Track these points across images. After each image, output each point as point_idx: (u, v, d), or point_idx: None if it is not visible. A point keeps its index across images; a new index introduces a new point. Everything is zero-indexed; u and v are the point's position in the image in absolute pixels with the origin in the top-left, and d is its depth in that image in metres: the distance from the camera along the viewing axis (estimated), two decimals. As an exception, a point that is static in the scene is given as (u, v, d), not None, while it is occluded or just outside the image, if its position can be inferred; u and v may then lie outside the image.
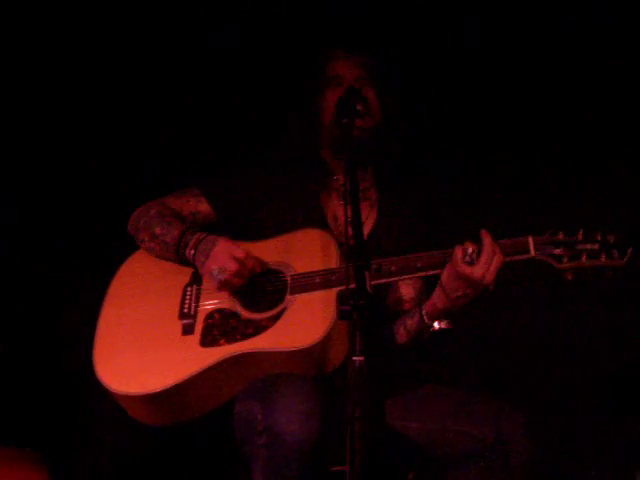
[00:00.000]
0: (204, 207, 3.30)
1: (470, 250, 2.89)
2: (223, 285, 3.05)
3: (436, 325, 3.00)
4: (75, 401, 3.88)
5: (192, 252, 3.11)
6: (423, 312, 3.03)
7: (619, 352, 4.04)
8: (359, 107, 3.08)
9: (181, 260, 3.15)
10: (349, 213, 2.66)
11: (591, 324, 4.12)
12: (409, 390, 3.16)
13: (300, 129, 3.36)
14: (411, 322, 3.08)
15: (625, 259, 2.81)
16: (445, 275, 2.93)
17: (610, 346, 4.07)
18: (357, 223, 2.62)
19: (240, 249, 3.05)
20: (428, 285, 3.13)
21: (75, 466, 3.96)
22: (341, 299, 2.45)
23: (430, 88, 4.03)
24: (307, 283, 3.02)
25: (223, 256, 3.05)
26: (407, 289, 3.25)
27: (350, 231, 2.62)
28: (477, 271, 2.87)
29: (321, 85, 3.30)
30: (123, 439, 3.38)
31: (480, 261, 2.87)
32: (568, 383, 4.11)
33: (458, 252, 2.90)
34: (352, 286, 2.48)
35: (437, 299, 2.98)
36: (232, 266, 3.03)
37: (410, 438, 3.03)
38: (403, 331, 3.11)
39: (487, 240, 2.89)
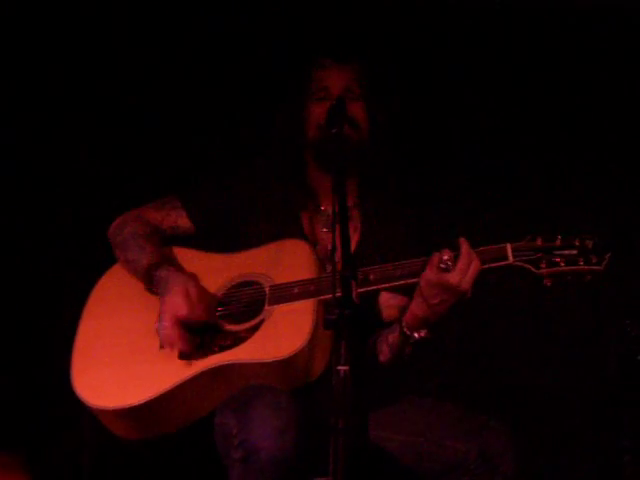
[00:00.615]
0: (184, 221, 3.27)
1: (446, 257, 2.89)
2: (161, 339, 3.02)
3: (416, 335, 2.97)
4: (57, 405, 3.84)
5: (159, 290, 3.08)
6: (403, 324, 2.99)
7: (603, 362, 4.07)
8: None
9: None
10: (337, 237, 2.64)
11: (574, 334, 4.15)
12: (393, 402, 3.15)
13: (283, 141, 3.33)
14: (392, 337, 3.05)
15: (603, 264, 2.83)
16: (423, 281, 2.91)
17: (594, 356, 4.10)
18: (345, 236, 2.61)
19: (185, 305, 2.99)
20: None
21: (56, 470, 3.93)
22: (327, 308, 2.43)
23: (415, 99, 4.04)
24: (285, 294, 3.00)
25: (165, 309, 3.01)
26: (392, 310, 3.21)
27: (338, 255, 2.60)
28: (453, 277, 2.86)
29: (307, 96, 3.26)
30: (104, 444, 3.34)
31: (457, 267, 2.87)
32: (553, 395, 4.14)
33: (434, 259, 2.90)
34: (338, 295, 2.47)
35: (416, 307, 2.96)
36: (167, 323, 2.98)
37: (393, 450, 3.02)
38: (386, 348, 3.08)
39: (464, 247, 2.89)
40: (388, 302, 3.21)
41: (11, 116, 4.07)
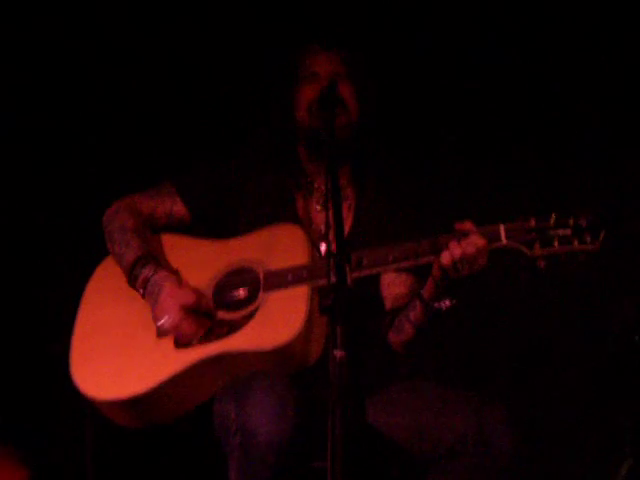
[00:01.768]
0: (179, 208, 3.27)
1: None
2: (171, 333, 3.02)
3: (443, 306, 2.97)
4: (57, 399, 3.86)
5: (141, 291, 3.08)
6: (425, 297, 3.00)
7: (601, 343, 4.07)
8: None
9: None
10: (330, 216, 2.64)
11: (572, 316, 4.15)
12: (390, 385, 3.15)
13: (274, 125, 3.34)
14: (414, 314, 3.04)
15: (598, 243, 2.81)
16: (459, 249, 2.87)
17: (592, 338, 4.10)
18: (338, 219, 2.61)
19: (187, 294, 3.01)
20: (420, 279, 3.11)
21: (56, 464, 3.94)
22: (322, 294, 2.43)
23: (406, 82, 4.04)
24: (280, 280, 3.00)
25: (169, 305, 3.01)
26: (399, 287, 3.22)
27: (331, 235, 2.59)
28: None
29: (296, 81, 3.27)
30: (105, 437, 3.35)
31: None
32: (549, 376, 4.14)
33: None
34: (333, 280, 2.46)
35: (437, 278, 2.94)
36: (177, 317, 3.00)
37: (391, 434, 3.01)
38: (408, 326, 3.07)
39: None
40: (393, 281, 3.22)
41: (6, 110, 4.08)
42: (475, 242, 2.86)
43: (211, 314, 3.04)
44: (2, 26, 4.02)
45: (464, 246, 2.86)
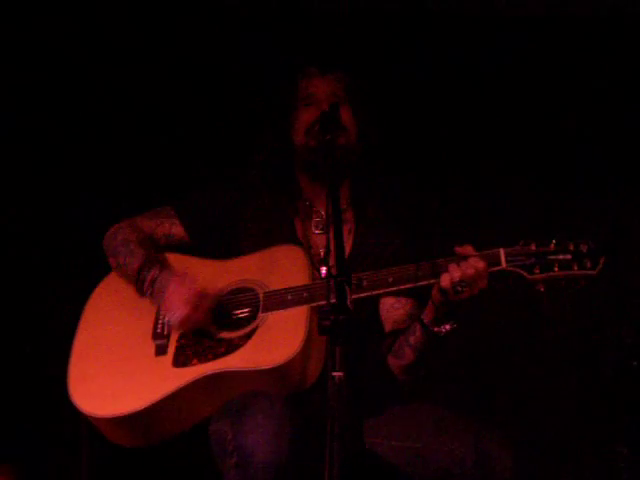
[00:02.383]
0: (178, 230, 3.28)
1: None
2: (180, 328, 3.03)
3: (442, 330, 2.97)
4: (53, 413, 3.83)
5: (149, 291, 3.09)
6: (425, 322, 2.99)
7: (599, 369, 4.07)
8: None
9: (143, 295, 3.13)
10: (331, 238, 2.64)
11: (570, 341, 4.15)
12: (388, 407, 3.14)
13: (272, 149, 3.33)
14: (414, 338, 3.03)
15: (598, 269, 2.82)
16: (459, 272, 2.88)
17: (590, 363, 4.10)
18: (339, 240, 2.61)
19: (192, 288, 3.02)
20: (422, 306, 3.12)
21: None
22: (321, 314, 2.43)
23: (406, 105, 4.05)
24: (279, 300, 3.00)
25: (175, 298, 3.02)
26: (399, 310, 3.22)
27: (332, 259, 2.60)
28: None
29: (294, 104, 3.28)
30: (101, 456, 3.34)
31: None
32: (548, 401, 4.14)
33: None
34: (332, 301, 2.46)
35: (436, 303, 2.94)
36: (184, 310, 3.00)
37: (389, 456, 3.00)
38: (409, 350, 3.06)
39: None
40: (393, 305, 3.22)
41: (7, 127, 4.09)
42: (475, 265, 2.86)
43: (200, 334, 3.04)
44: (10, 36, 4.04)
45: (464, 268, 2.86)
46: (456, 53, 4.16)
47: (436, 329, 2.97)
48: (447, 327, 2.97)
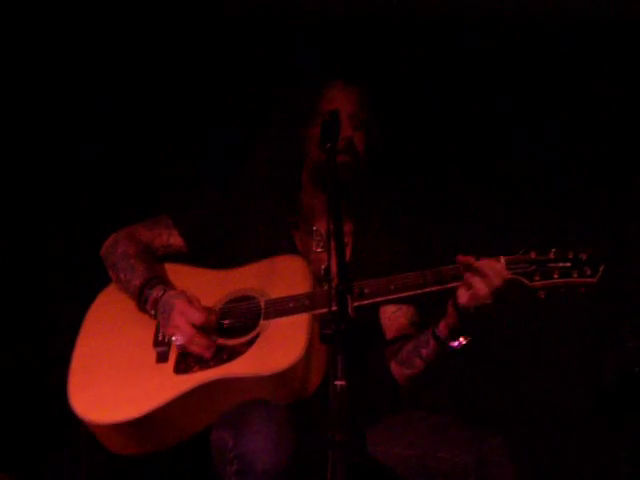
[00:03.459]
0: (176, 240, 3.29)
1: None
2: (184, 350, 3.03)
3: (455, 344, 2.97)
4: (52, 422, 3.85)
5: (153, 312, 3.10)
6: (438, 335, 2.98)
7: (600, 375, 4.07)
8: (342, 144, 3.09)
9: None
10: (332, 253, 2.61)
11: (571, 346, 4.15)
12: (390, 415, 3.15)
13: (280, 159, 3.32)
14: (426, 350, 3.03)
15: (597, 276, 2.83)
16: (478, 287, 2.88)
17: (591, 368, 4.10)
18: (340, 251, 2.60)
19: (197, 311, 3.02)
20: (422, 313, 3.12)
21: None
22: (323, 323, 2.43)
23: (406, 117, 4.06)
24: (281, 308, 3.01)
25: (180, 322, 3.01)
26: (400, 318, 3.23)
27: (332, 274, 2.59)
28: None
29: (311, 116, 3.24)
30: (101, 464, 3.35)
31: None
32: (550, 407, 4.13)
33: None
34: (333, 309, 2.46)
35: (451, 318, 2.95)
36: (189, 332, 3.00)
37: (391, 464, 3.00)
38: (419, 361, 3.05)
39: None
40: (394, 312, 3.22)
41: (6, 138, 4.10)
42: (494, 266, 2.87)
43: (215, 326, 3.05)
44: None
45: (489, 280, 2.86)
46: (452, 56, 4.17)
47: (451, 344, 2.97)
48: (462, 341, 2.97)
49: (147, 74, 4.15)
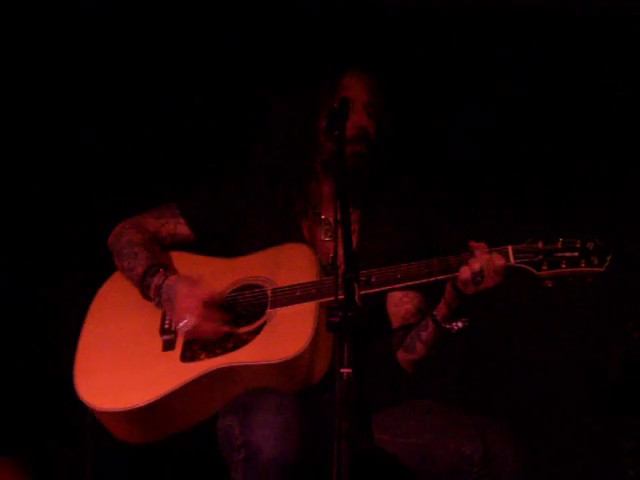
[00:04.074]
0: (183, 229, 3.28)
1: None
2: (189, 337, 3.03)
3: (455, 327, 2.97)
4: (59, 409, 3.87)
5: (156, 300, 3.10)
6: (438, 318, 2.98)
7: (604, 366, 4.07)
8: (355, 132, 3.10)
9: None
10: (339, 242, 2.60)
11: (576, 336, 4.16)
12: (395, 404, 3.15)
13: (292, 147, 3.29)
14: (426, 334, 3.03)
15: (605, 266, 2.83)
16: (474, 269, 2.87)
17: (596, 358, 4.10)
18: (347, 240, 2.60)
19: (204, 288, 3.03)
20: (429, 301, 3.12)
21: (60, 474, 3.96)
22: (329, 311, 2.43)
23: (415, 106, 4.05)
24: (288, 296, 3.01)
25: (184, 308, 3.02)
26: (407, 305, 3.22)
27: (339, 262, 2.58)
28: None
29: (325, 105, 3.19)
30: (106, 450, 3.36)
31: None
32: (555, 397, 4.14)
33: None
34: (340, 297, 2.46)
35: (450, 300, 2.94)
36: (199, 311, 3.00)
37: (396, 453, 3.00)
38: (420, 345, 3.06)
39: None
40: (401, 299, 3.21)
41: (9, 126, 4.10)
42: (494, 256, 2.87)
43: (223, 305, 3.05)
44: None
45: (483, 259, 2.85)
46: (461, 54, 4.18)
47: (448, 326, 2.97)
48: (459, 324, 2.96)
49: (151, 63, 4.16)
